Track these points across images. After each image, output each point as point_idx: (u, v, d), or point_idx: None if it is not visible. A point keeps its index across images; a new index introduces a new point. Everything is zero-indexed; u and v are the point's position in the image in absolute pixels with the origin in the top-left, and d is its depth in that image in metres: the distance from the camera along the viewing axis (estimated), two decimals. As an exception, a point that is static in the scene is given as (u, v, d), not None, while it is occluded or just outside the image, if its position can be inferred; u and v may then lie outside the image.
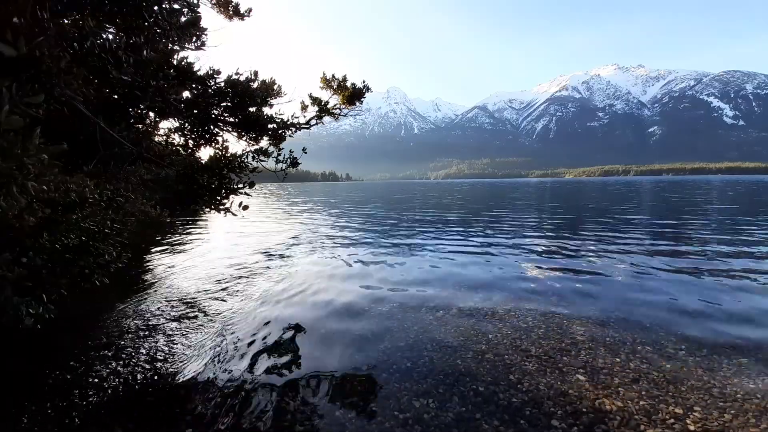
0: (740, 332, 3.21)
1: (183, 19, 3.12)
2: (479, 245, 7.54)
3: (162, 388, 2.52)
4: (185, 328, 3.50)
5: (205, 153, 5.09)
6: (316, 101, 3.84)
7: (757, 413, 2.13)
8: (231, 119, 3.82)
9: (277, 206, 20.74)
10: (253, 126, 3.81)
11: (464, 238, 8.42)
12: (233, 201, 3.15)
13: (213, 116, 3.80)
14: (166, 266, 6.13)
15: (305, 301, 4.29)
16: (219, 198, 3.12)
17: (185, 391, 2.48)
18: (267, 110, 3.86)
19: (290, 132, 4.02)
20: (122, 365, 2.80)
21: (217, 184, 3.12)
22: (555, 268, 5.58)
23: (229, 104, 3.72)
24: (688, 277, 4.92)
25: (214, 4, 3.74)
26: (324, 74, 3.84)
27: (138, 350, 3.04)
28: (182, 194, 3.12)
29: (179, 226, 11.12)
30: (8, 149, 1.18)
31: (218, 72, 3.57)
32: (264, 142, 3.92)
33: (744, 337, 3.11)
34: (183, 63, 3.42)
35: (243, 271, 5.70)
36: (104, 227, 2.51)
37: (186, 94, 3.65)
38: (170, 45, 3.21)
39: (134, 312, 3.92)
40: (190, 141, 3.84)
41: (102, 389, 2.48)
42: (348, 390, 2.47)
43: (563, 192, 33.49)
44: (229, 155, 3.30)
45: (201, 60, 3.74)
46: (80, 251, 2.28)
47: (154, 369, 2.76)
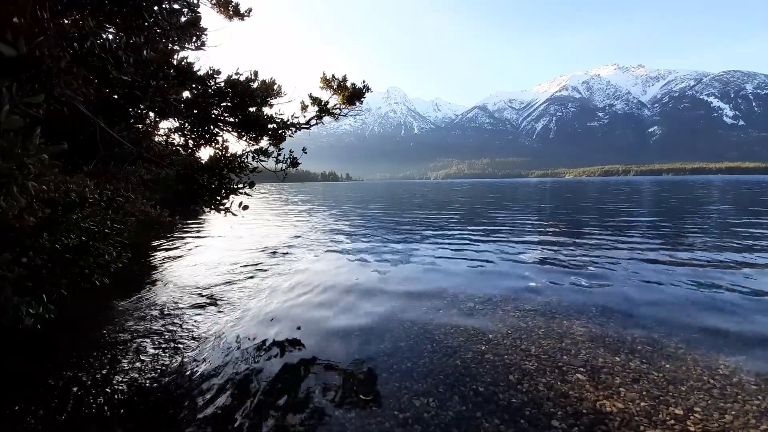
0: (740, 332, 3.21)
1: (183, 19, 3.13)
2: (479, 245, 7.54)
3: (163, 388, 2.52)
4: (186, 328, 3.50)
5: (205, 153, 5.10)
6: (316, 101, 3.84)
7: (758, 414, 2.13)
8: (231, 119, 3.82)
9: (277, 206, 20.74)
10: (253, 126, 3.81)
11: (464, 239, 8.42)
12: (233, 201, 3.15)
13: (213, 116, 3.80)
14: (167, 266, 6.13)
15: (307, 301, 4.29)
16: (219, 198, 3.12)
17: (186, 391, 2.48)
18: (267, 110, 3.87)
19: (290, 132, 4.02)
20: (122, 365, 2.79)
21: (217, 184, 3.12)
22: (555, 268, 5.57)
23: (229, 104, 3.72)
24: (688, 277, 4.92)
25: (214, 4, 3.74)
26: (324, 74, 3.84)
27: (138, 350, 3.04)
28: (182, 194, 3.13)
29: (179, 226, 11.12)
30: (8, 149, 1.18)
31: (218, 72, 3.58)
32: (264, 142, 3.92)
33: (744, 337, 3.10)
34: (183, 63, 3.43)
35: (243, 271, 5.70)
36: (104, 227, 2.51)
37: (186, 94, 3.65)
38: (170, 45, 3.21)
39: (134, 312, 3.92)
40: (190, 141, 3.84)
41: (102, 389, 2.48)
42: (348, 389, 2.47)
43: (563, 192, 33.48)
44: (229, 155, 3.30)
45: (201, 60, 3.75)
46: (80, 251, 2.29)
47: (155, 368, 2.76)
